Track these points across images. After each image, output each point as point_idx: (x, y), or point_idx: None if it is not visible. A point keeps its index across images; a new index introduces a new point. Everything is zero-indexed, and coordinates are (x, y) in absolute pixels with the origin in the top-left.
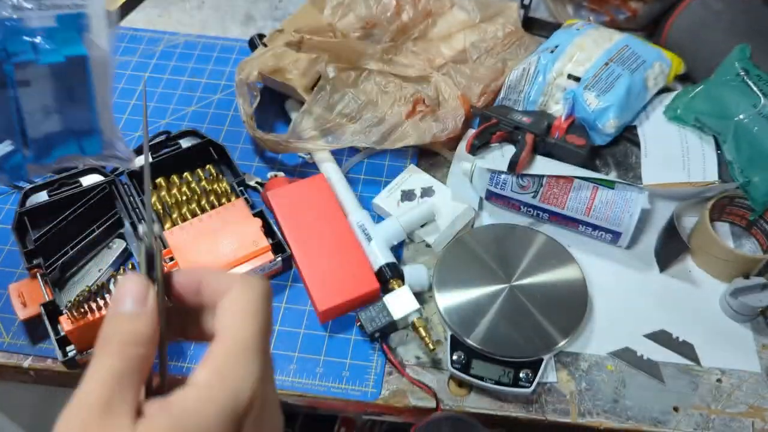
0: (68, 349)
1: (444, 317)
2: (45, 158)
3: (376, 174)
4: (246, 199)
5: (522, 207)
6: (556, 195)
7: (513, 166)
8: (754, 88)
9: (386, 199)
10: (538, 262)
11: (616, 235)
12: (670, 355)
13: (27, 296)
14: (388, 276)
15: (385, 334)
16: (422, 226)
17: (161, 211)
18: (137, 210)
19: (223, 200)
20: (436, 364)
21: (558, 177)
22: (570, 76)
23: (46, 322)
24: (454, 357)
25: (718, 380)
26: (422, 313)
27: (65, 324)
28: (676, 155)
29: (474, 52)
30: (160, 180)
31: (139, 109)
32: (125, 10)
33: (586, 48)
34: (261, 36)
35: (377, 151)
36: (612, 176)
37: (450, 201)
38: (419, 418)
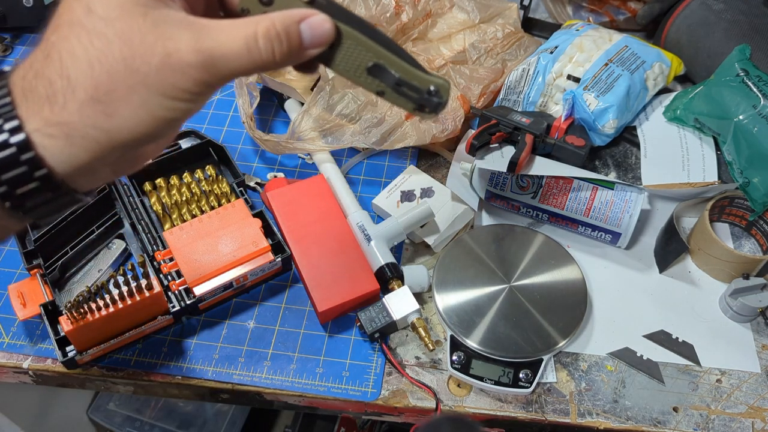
0: (68, 349)
1: (444, 317)
2: None
3: (375, 174)
4: (246, 199)
5: (521, 207)
6: (556, 195)
7: (512, 167)
8: (754, 89)
9: (386, 199)
10: (538, 263)
11: (615, 236)
12: (670, 355)
13: (27, 296)
14: (388, 276)
15: (384, 334)
16: (422, 226)
17: (161, 212)
18: (137, 210)
19: (223, 201)
20: (435, 364)
21: (557, 177)
22: (569, 77)
23: (46, 323)
24: (454, 357)
25: (718, 380)
26: (422, 313)
27: (65, 324)
28: (676, 156)
29: (473, 52)
30: (159, 181)
31: None
32: None
33: (585, 49)
34: None
35: (377, 151)
36: (611, 177)
37: (449, 201)
38: (419, 418)
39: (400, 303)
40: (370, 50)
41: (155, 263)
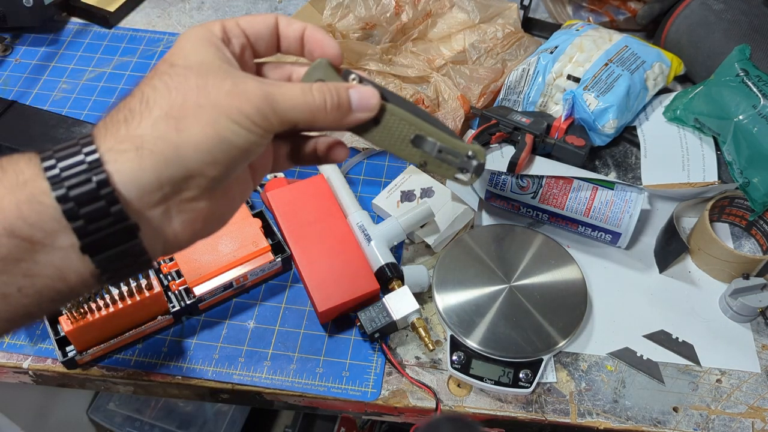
0: (68, 349)
1: (444, 317)
2: None
3: (375, 174)
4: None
5: (521, 207)
6: (556, 196)
7: (512, 167)
8: (754, 89)
9: (386, 199)
10: (538, 263)
11: (615, 236)
12: (670, 355)
13: None
14: (388, 276)
15: (384, 334)
16: (422, 226)
17: None
18: None
19: None
20: (435, 364)
21: (557, 177)
22: (569, 77)
23: (46, 323)
24: (454, 357)
25: (718, 380)
26: (422, 313)
27: (65, 324)
28: (676, 156)
29: (473, 52)
30: None
31: None
32: (125, 10)
33: (585, 49)
34: None
35: (377, 151)
36: (611, 177)
37: (450, 202)
38: (419, 418)
39: (400, 303)
40: (413, 124)
41: (155, 263)
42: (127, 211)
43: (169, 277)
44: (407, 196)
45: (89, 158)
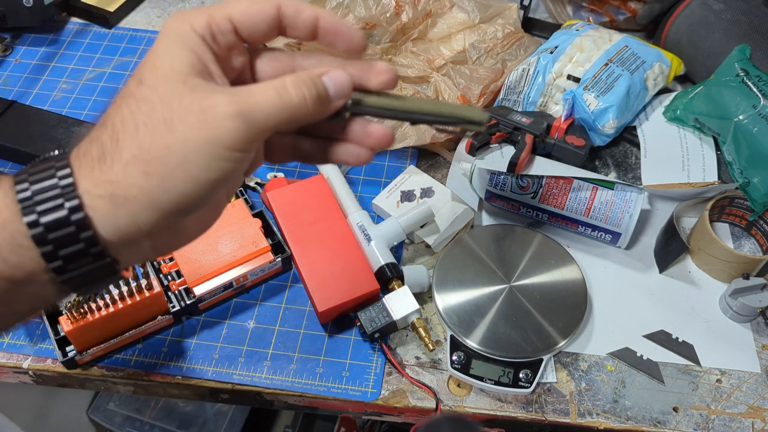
0: (68, 349)
1: (444, 317)
2: None
3: (375, 174)
4: (246, 199)
5: (521, 207)
6: (556, 195)
7: (512, 167)
8: (754, 89)
9: (386, 199)
10: (538, 263)
11: (615, 236)
12: (670, 355)
13: None
14: (388, 276)
15: (384, 334)
16: (422, 226)
17: None
18: None
19: None
20: (435, 364)
21: (557, 177)
22: (569, 77)
23: (46, 323)
24: (454, 357)
25: (718, 380)
26: (422, 313)
27: (65, 324)
28: (676, 156)
29: (473, 52)
30: None
31: None
32: (125, 10)
33: (585, 49)
34: None
35: (377, 151)
36: (611, 177)
37: (449, 202)
38: (419, 418)
39: (400, 303)
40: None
41: (155, 263)
42: (106, 251)
43: (169, 277)
44: (407, 196)
45: (65, 185)
